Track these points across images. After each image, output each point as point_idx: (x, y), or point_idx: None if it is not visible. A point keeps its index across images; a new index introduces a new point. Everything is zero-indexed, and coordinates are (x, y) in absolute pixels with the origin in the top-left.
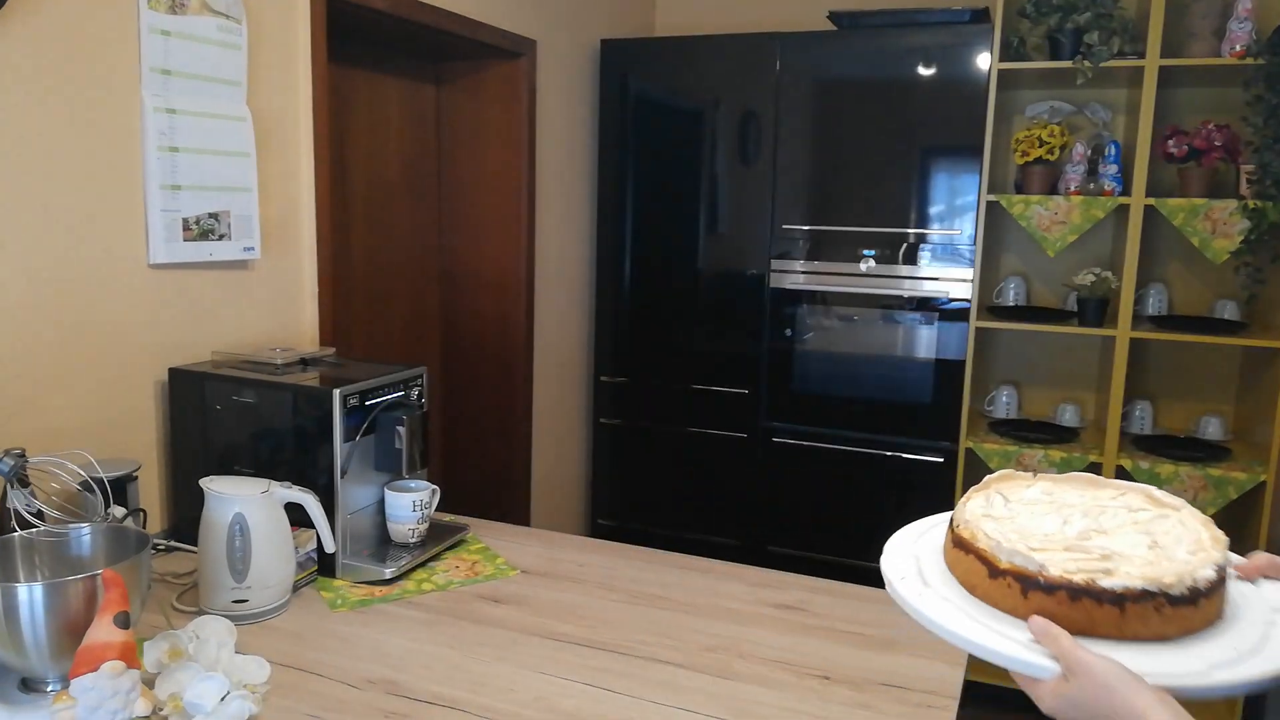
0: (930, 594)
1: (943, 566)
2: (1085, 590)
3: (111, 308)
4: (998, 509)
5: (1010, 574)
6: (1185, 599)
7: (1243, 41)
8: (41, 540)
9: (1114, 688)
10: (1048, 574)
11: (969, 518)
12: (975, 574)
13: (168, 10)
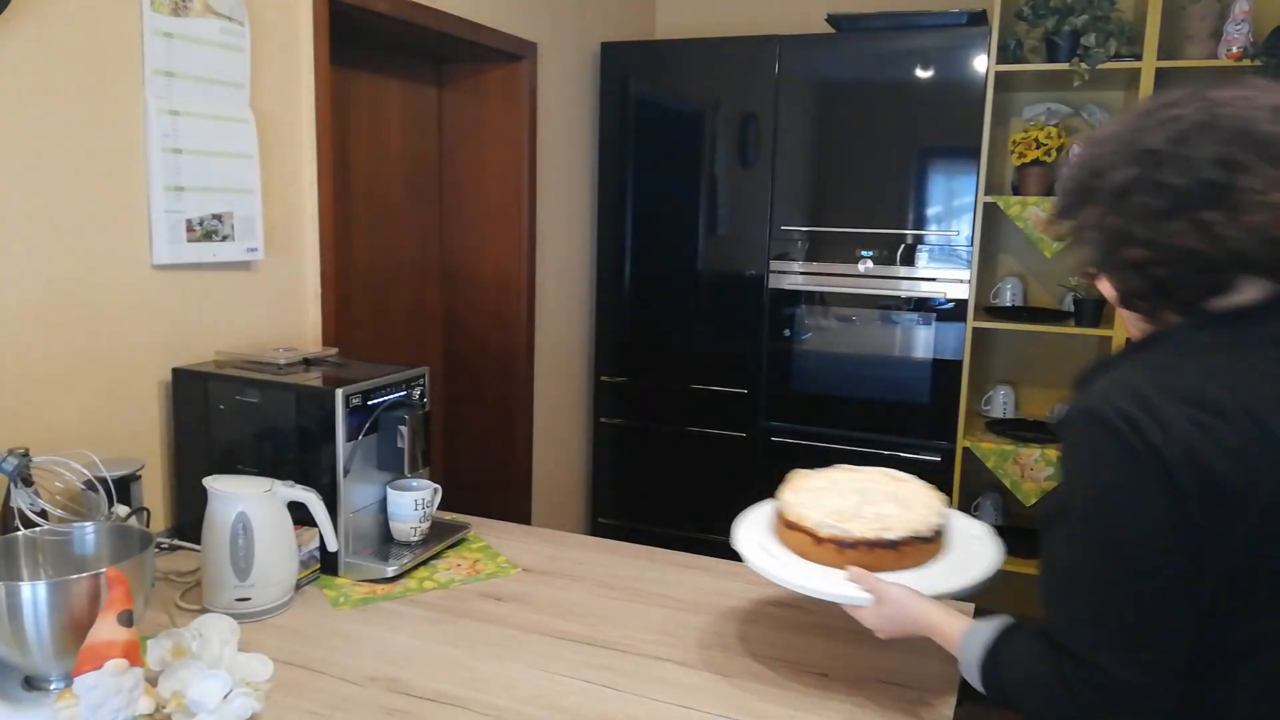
0: (779, 561)
1: (778, 543)
2: (876, 542)
3: (115, 308)
4: (803, 497)
5: (829, 540)
6: (930, 539)
7: (1240, 43)
8: (45, 539)
9: (906, 603)
10: (852, 536)
11: (792, 506)
12: (804, 544)
13: (171, 13)
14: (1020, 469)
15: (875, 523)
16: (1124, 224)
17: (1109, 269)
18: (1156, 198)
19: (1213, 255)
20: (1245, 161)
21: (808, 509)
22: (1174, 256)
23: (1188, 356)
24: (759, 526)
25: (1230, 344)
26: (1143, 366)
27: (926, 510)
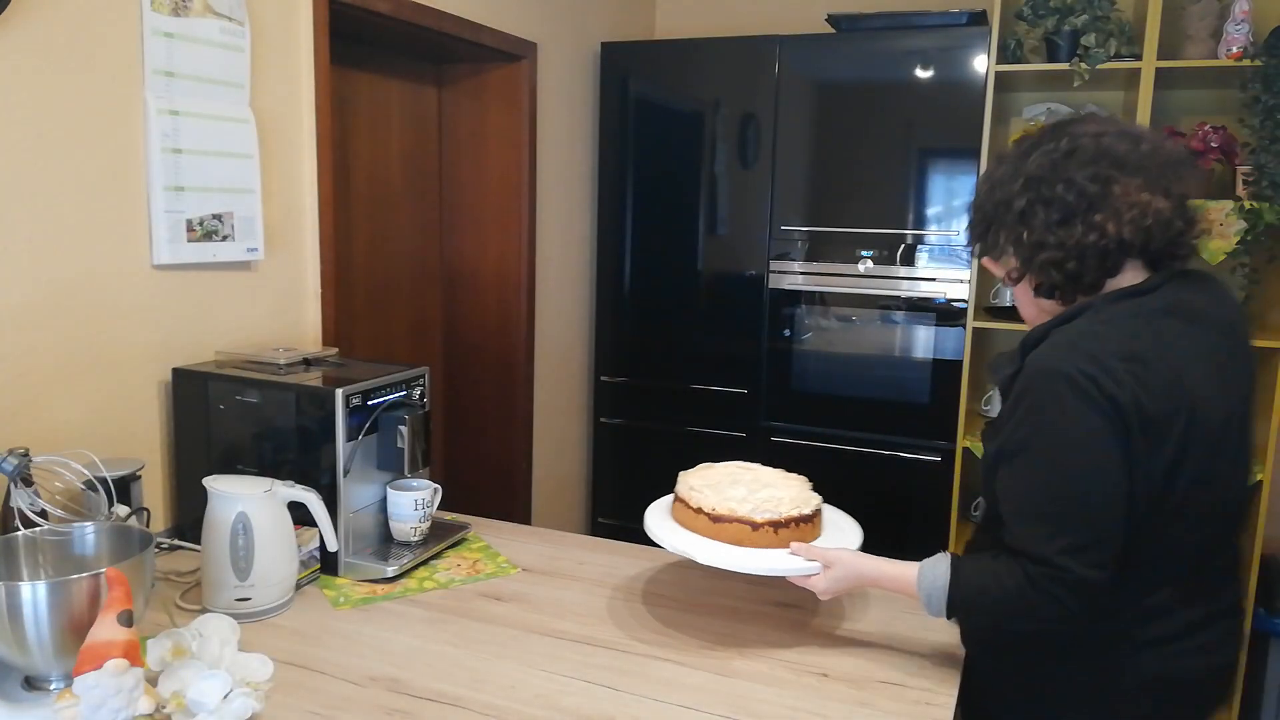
0: (711, 547)
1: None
2: (779, 523)
3: (115, 308)
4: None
5: (765, 524)
6: (813, 516)
7: (1239, 43)
8: (45, 539)
9: (851, 562)
10: (761, 519)
11: (719, 500)
12: (741, 533)
13: (171, 13)
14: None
15: (773, 504)
16: (1036, 236)
17: (1031, 270)
18: (1052, 211)
19: (1106, 246)
20: (1111, 174)
21: (735, 502)
22: (1079, 252)
23: (1109, 325)
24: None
25: (1134, 313)
26: (1080, 334)
27: (801, 487)
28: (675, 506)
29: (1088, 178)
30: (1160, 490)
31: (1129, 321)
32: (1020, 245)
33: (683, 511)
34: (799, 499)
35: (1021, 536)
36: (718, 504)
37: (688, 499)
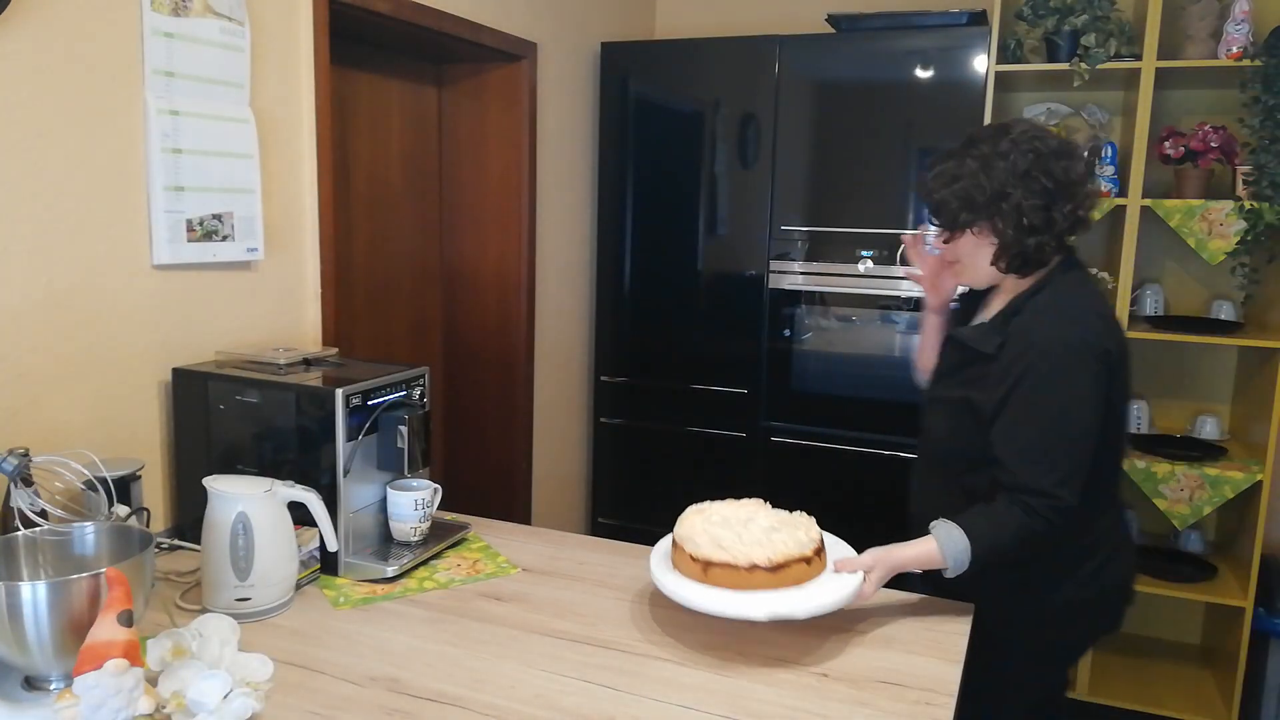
0: (765, 599)
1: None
2: (785, 562)
3: (115, 308)
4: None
5: (698, 561)
6: (816, 554)
7: (1239, 43)
8: (45, 539)
9: (885, 557)
10: (774, 561)
11: (740, 552)
12: (743, 579)
13: (171, 13)
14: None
15: (771, 547)
16: (1029, 220)
17: (1015, 249)
18: (1037, 199)
19: (1067, 228)
20: (1070, 167)
21: (753, 549)
22: (1054, 233)
23: (1077, 294)
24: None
25: (1082, 281)
26: (1062, 305)
27: (809, 536)
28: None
29: (1061, 170)
30: (1112, 425)
31: (1084, 288)
32: (1009, 228)
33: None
34: (813, 536)
35: (1024, 473)
36: (742, 554)
37: (712, 556)
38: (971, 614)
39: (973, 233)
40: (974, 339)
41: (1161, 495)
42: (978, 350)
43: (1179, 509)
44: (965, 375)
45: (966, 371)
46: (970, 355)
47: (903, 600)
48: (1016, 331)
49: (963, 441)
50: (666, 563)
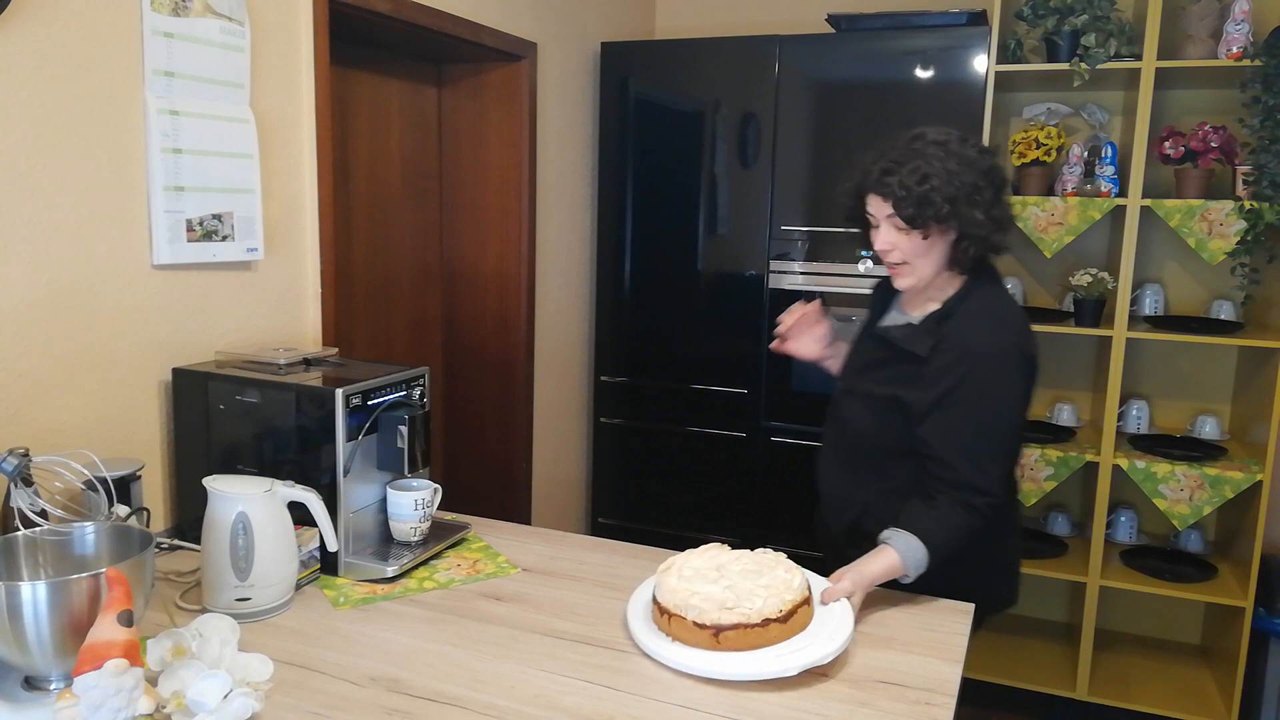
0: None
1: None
2: (794, 609)
3: (115, 308)
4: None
5: (708, 628)
6: (804, 601)
7: (1239, 43)
8: (45, 539)
9: (859, 578)
10: (761, 618)
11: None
12: (758, 636)
13: (170, 13)
14: (1020, 469)
15: (787, 588)
16: (998, 216)
17: (980, 245)
18: (1003, 196)
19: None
20: (1003, 171)
21: (760, 603)
22: (1007, 231)
23: (1002, 300)
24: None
25: (999, 286)
26: (991, 310)
27: (794, 583)
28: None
29: (1001, 171)
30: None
31: (1005, 293)
32: (974, 226)
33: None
34: (797, 584)
35: (967, 472)
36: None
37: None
38: (971, 614)
39: (935, 230)
40: (904, 339)
41: (1161, 495)
42: (908, 350)
43: (1179, 509)
44: (892, 373)
45: (892, 369)
46: (898, 354)
47: (903, 600)
48: (952, 336)
49: (888, 435)
50: (654, 632)
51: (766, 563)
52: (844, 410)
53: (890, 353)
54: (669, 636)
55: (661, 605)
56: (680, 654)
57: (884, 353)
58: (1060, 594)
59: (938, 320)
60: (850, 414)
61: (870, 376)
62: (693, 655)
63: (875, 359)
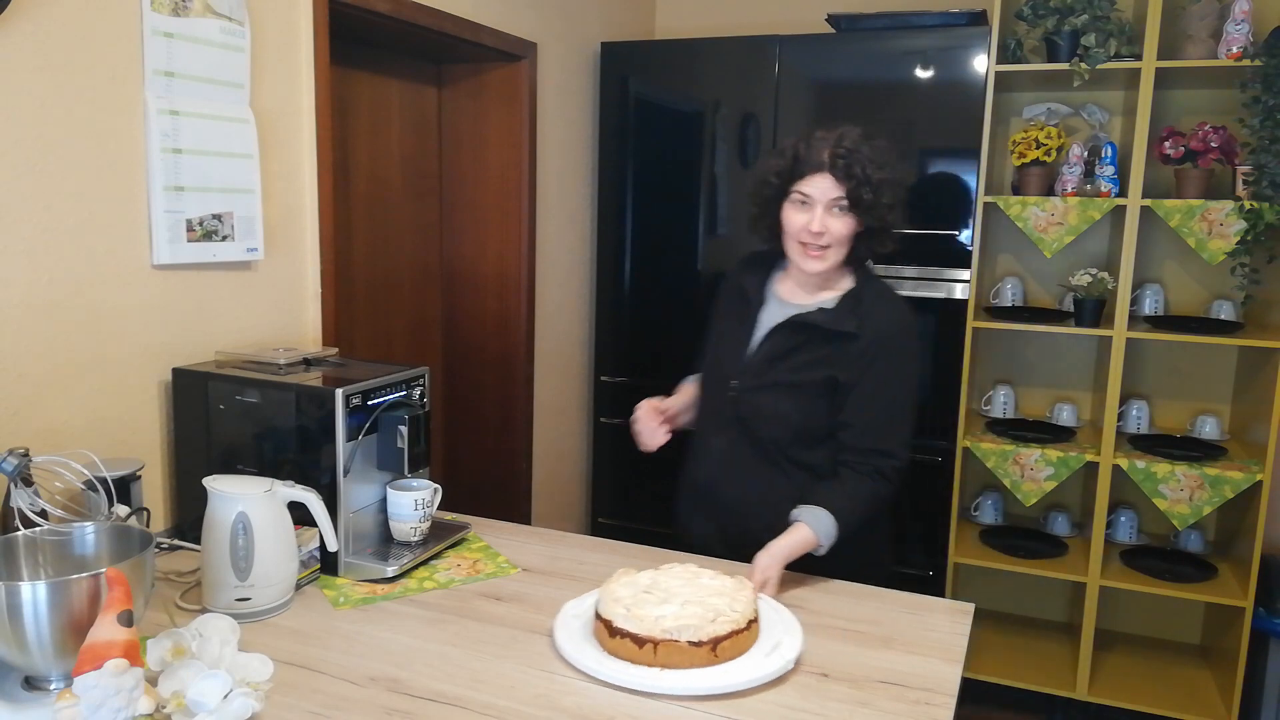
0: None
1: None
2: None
3: (115, 308)
4: (638, 607)
5: (705, 644)
6: (739, 631)
7: (1239, 43)
8: (45, 539)
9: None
10: (746, 620)
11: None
12: (733, 646)
13: (170, 13)
14: (1020, 469)
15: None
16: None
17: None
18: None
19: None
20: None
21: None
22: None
23: (887, 284)
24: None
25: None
26: (891, 294)
27: (748, 598)
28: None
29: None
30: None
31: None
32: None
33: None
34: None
35: (879, 439)
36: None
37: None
38: (971, 614)
39: (861, 220)
40: (830, 321)
41: (1161, 495)
42: (834, 330)
43: (1179, 509)
44: (818, 355)
45: (817, 352)
46: (822, 336)
47: (903, 600)
48: (874, 313)
49: (813, 419)
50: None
51: (679, 574)
52: (755, 406)
53: (808, 336)
54: (656, 667)
55: (644, 637)
56: (677, 680)
57: (799, 338)
58: (1060, 594)
59: (852, 303)
60: (765, 408)
61: (785, 365)
62: (693, 676)
63: (789, 346)
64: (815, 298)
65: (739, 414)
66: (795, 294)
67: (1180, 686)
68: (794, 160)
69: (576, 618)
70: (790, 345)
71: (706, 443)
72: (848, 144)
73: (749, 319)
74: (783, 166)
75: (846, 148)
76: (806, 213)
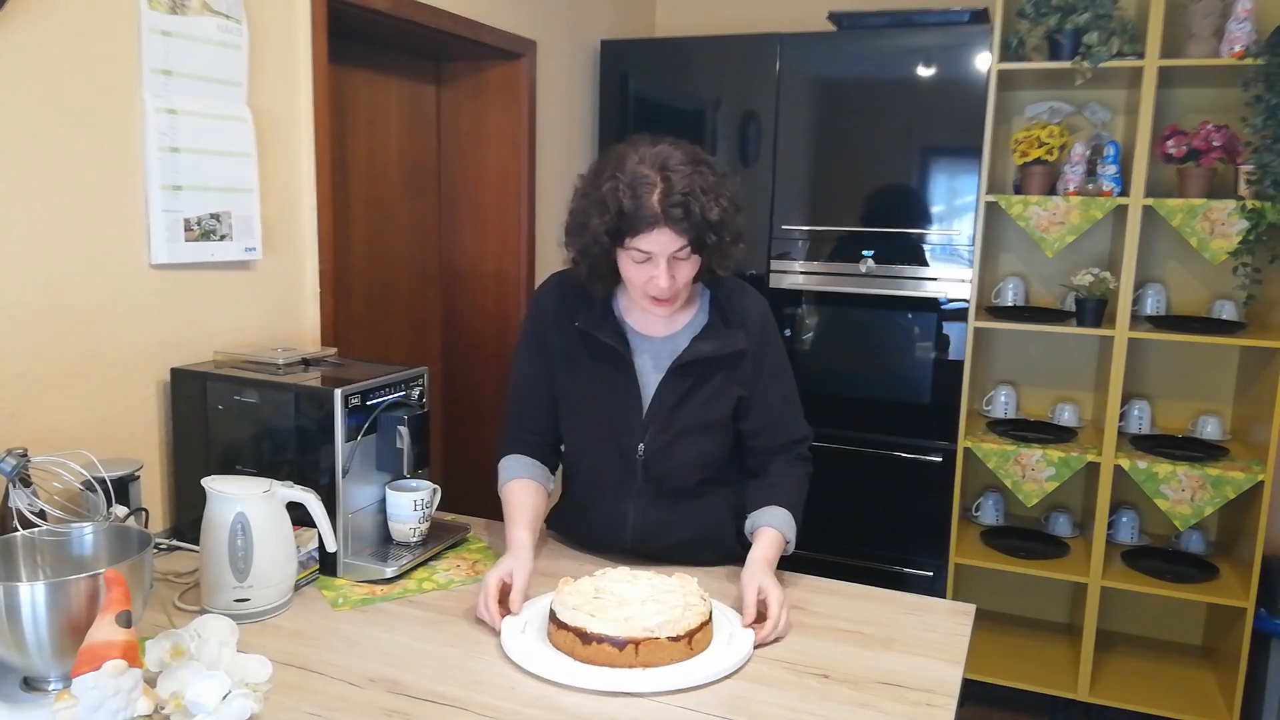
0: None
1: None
2: (691, 632)
3: (113, 308)
4: (603, 612)
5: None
6: (707, 621)
7: (1242, 42)
8: (44, 540)
9: (758, 574)
10: (687, 629)
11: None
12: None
13: (168, 11)
14: (1021, 469)
15: (689, 588)
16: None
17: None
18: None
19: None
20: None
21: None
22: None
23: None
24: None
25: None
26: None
27: (700, 602)
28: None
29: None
30: None
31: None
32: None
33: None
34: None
35: (793, 428)
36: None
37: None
38: (972, 614)
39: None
40: (723, 347)
41: (1163, 495)
42: (729, 352)
43: (1180, 509)
44: (716, 383)
45: (713, 379)
46: (716, 363)
47: (903, 601)
48: (742, 313)
49: (727, 444)
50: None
51: (620, 577)
52: (668, 462)
53: (703, 369)
54: (637, 667)
55: (624, 639)
56: (661, 677)
57: (695, 371)
58: (1062, 595)
59: (720, 313)
60: (679, 457)
61: (689, 407)
62: (681, 671)
63: (687, 386)
64: (677, 323)
65: (653, 474)
66: (652, 325)
67: (1181, 687)
68: (619, 215)
69: (523, 635)
70: (685, 389)
71: (615, 508)
72: (680, 187)
73: (625, 373)
74: (609, 224)
75: (681, 193)
76: (649, 268)
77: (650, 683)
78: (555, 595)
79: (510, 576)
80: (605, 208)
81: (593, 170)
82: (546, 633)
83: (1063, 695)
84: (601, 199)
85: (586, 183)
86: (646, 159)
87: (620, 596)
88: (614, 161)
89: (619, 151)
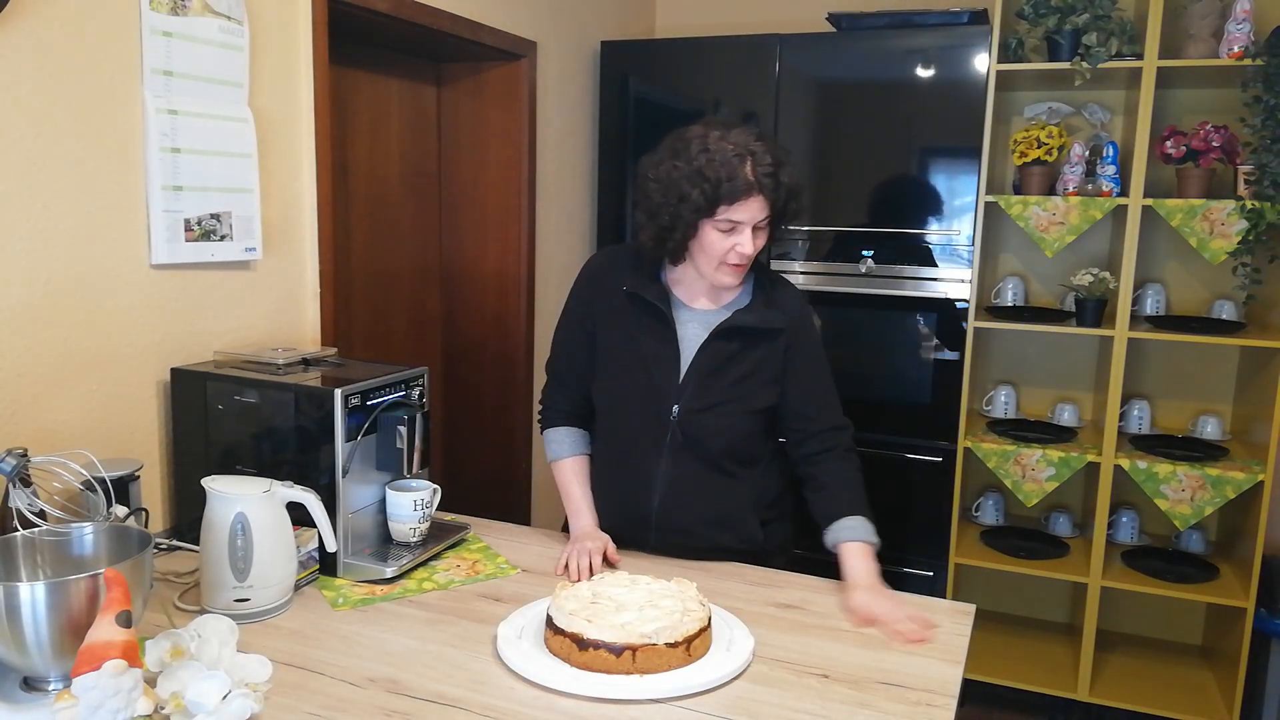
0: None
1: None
2: (689, 638)
3: (114, 308)
4: (599, 617)
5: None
6: (705, 628)
7: (1241, 43)
8: (44, 539)
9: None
10: (685, 635)
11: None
12: (703, 643)
13: (169, 12)
14: (1021, 469)
15: (686, 593)
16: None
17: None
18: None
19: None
20: None
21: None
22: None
23: (761, 265)
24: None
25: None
26: (774, 275)
27: (700, 607)
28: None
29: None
30: None
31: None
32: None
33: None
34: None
35: (835, 417)
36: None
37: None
38: (972, 614)
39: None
40: (763, 321)
41: (1163, 495)
42: (768, 327)
43: (1180, 509)
44: (753, 359)
45: (751, 355)
46: (751, 338)
47: (903, 600)
48: (782, 299)
49: (760, 424)
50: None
51: (618, 581)
52: (702, 427)
53: (741, 343)
54: (635, 674)
55: (621, 645)
56: (656, 684)
57: (733, 346)
58: (1062, 594)
59: (763, 295)
60: (711, 425)
61: (725, 378)
62: (674, 679)
63: (724, 357)
64: (722, 300)
65: (686, 437)
66: (700, 299)
67: (1181, 687)
68: (716, 185)
69: (520, 641)
70: (725, 356)
71: (645, 468)
72: (769, 158)
73: (667, 334)
74: (707, 194)
75: (770, 163)
76: (735, 236)
77: (646, 691)
78: (552, 600)
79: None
80: (701, 179)
81: (666, 153)
82: (543, 638)
83: (1063, 695)
84: (697, 171)
85: (662, 165)
86: (729, 136)
87: (618, 602)
88: (695, 141)
89: (694, 133)
